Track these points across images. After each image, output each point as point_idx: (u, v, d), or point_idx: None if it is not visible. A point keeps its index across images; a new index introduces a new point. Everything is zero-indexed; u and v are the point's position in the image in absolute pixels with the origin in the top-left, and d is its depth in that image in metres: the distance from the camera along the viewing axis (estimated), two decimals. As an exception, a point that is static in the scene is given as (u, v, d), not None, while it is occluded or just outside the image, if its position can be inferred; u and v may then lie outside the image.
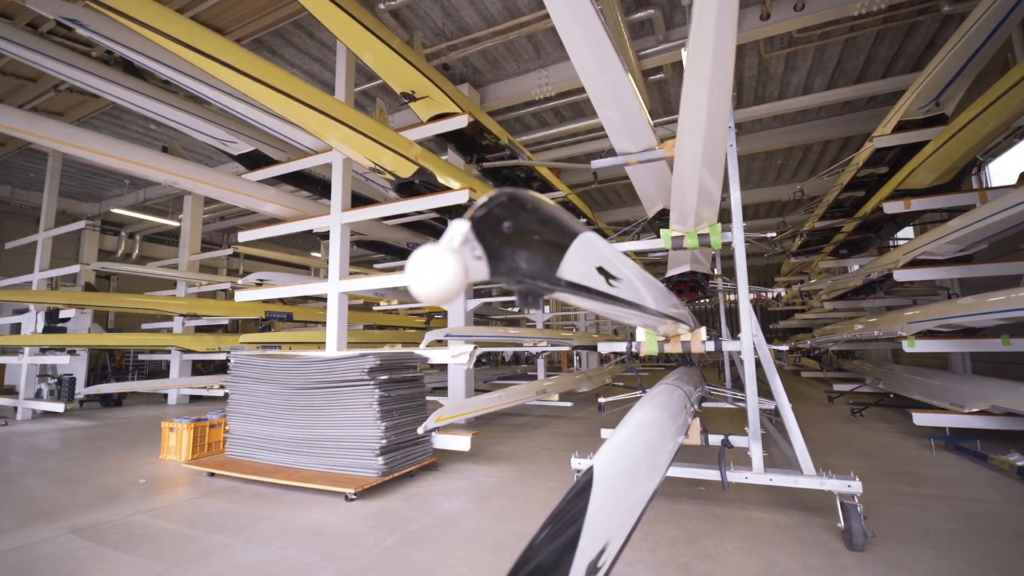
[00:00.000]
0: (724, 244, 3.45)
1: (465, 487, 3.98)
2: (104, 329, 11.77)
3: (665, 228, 3.68)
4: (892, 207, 5.54)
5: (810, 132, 9.38)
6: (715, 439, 3.41)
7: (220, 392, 8.91)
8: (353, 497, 3.65)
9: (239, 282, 9.25)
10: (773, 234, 4.20)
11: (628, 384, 9.26)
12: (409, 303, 10.80)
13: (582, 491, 1.03)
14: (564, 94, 7.79)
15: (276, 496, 3.82)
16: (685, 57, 6.47)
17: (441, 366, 7.94)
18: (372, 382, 4.05)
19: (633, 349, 3.53)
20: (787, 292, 12.36)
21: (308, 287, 6.14)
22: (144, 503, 3.67)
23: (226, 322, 11.37)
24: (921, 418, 4.82)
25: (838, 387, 8.39)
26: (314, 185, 6.74)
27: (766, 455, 3.15)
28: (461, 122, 5.47)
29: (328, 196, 5.98)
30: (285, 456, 4.31)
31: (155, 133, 9.50)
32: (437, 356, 4.99)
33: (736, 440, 3.37)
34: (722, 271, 5.91)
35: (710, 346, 3.35)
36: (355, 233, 7.52)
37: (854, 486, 2.78)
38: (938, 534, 2.87)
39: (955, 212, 5.32)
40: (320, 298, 10.17)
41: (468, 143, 6.31)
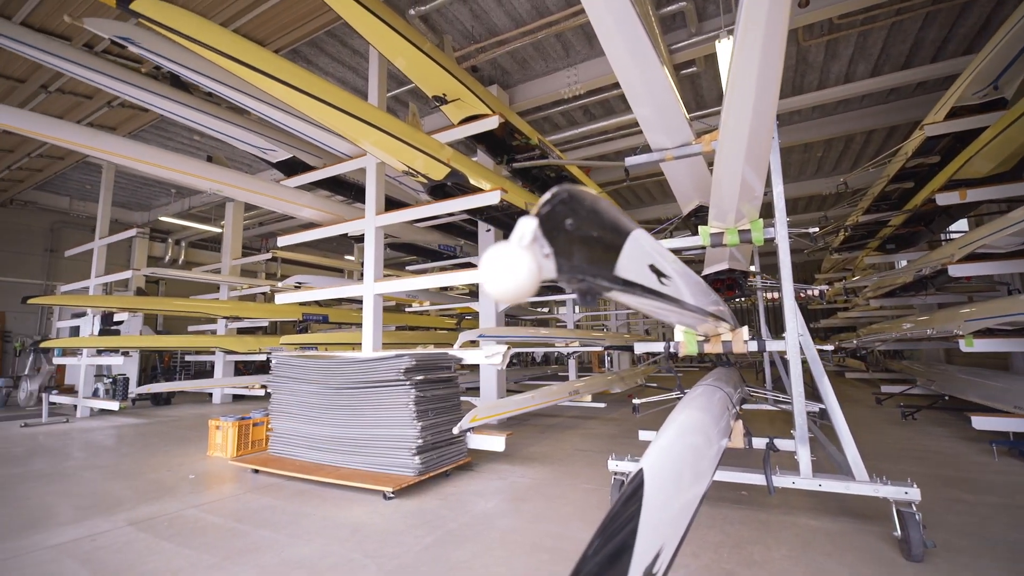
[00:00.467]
0: (766, 240, 3.33)
1: (500, 487, 3.98)
2: (154, 331, 12.40)
3: (702, 225, 3.58)
4: (946, 198, 5.26)
5: (852, 122, 8.96)
6: (759, 442, 3.29)
7: (261, 392, 9.24)
8: (391, 495, 3.71)
9: (279, 285, 9.56)
10: (815, 229, 4.04)
11: (662, 385, 9.08)
12: (440, 304, 10.90)
13: (634, 493, 1.01)
14: (594, 92, 7.71)
15: (317, 493, 3.93)
16: (720, 48, 6.24)
17: (472, 366, 8.00)
18: (408, 382, 4.11)
19: (671, 349, 3.46)
20: (830, 289, 11.85)
21: (344, 289, 6.30)
22: (194, 498, 3.83)
23: (266, 324, 11.77)
24: (981, 422, 4.55)
25: (886, 388, 8.02)
26: (348, 190, 6.92)
27: (813, 459, 3.03)
28: (492, 123, 5.49)
29: (362, 200, 6.12)
30: (325, 454, 4.42)
31: (199, 144, 9.93)
32: (471, 357, 5.01)
33: (781, 443, 3.25)
34: (760, 268, 5.73)
35: (752, 346, 3.24)
36: (388, 236, 7.67)
37: (912, 493, 2.64)
38: (1003, 546, 2.69)
39: (1016, 202, 5.01)
40: (354, 300, 10.39)
41: (498, 144, 6.33)
